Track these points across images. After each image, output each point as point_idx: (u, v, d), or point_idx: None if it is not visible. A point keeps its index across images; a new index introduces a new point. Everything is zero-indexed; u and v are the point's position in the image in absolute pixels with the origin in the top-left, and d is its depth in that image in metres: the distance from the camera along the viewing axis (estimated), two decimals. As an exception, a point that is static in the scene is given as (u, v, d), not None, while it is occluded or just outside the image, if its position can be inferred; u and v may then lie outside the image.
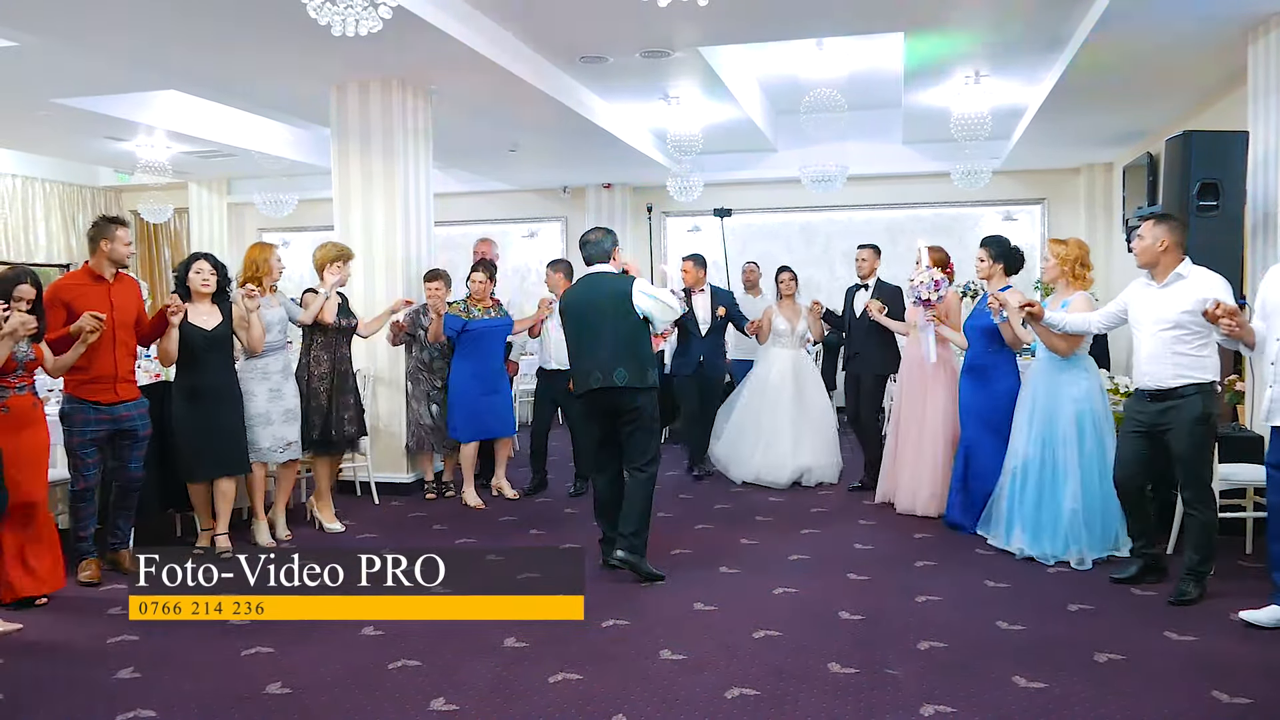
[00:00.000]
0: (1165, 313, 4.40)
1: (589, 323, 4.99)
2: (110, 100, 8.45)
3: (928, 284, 5.92)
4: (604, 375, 4.86)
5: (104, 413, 4.85)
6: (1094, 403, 5.07)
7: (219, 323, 5.29)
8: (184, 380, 5.29)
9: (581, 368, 5.00)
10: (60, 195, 12.31)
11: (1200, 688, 3.48)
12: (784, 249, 12.04)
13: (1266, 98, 5.75)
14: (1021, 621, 4.20)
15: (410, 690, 3.54)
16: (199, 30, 5.93)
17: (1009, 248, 5.71)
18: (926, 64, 7.59)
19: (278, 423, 5.59)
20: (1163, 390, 4.42)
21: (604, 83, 8.14)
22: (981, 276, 5.77)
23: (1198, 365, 4.36)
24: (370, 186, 7.13)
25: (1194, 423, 4.35)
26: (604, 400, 4.92)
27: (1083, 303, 5.04)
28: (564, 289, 7.03)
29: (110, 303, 4.87)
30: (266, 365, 5.57)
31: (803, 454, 7.17)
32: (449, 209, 11.57)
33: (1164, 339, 4.40)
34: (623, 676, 3.65)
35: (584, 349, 5.01)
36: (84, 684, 3.65)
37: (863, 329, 6.93)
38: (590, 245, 5.17)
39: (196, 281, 5.24)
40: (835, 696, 3.45)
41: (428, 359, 6.76)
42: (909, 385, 6.34)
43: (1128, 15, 5.68)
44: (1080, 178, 11.35)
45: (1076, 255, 5.14)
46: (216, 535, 5.38)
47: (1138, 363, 4.57)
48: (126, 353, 4.98)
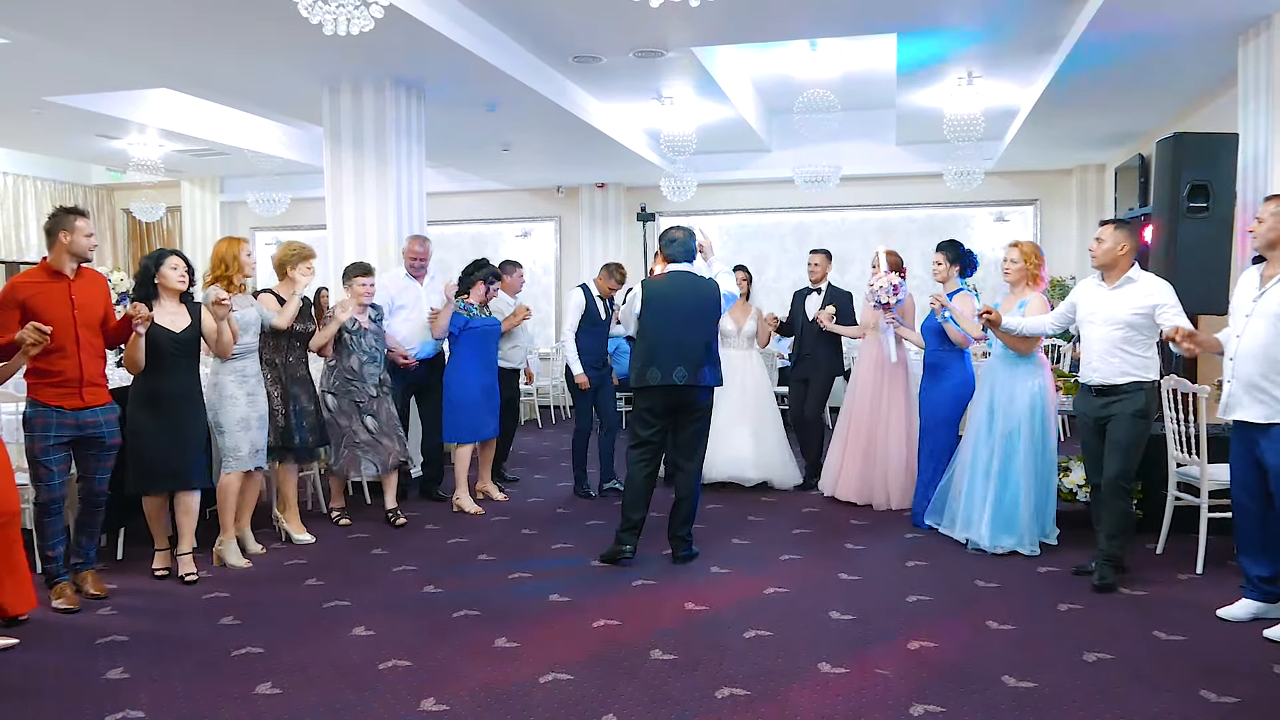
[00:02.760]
0: (1116, 313, 4.66)
1: (676, 319, 5.14)
2: (102, 98, 8.43)
3: (887, 288, 6.11)
4: (690, 373, 5.06)
5: (68, 418, 4.40)
6: (1045, 396, 5.33)
7: (187, 325, 4.86)
8: (145, 385, 4.81)
9: (661, 362, 5.08)
10: (52, 193, 12.27)
11: (1188, 687, 3.49)
12: (777, 249, 12.09)
13: (1256, 100, 5.77)
14: (1011, 621, 4.21)
15: (400, 690, 3.54)
16: (191, 28, 5.92)
17: (964, 251, 5.99)
18: (919, 65, 7.60)
19: (255, 428, 5.19)
20: (1108, 385, 4.70)
21: (597, 82, 8.14)
22: (938, 279, 6.00)
23: (1141, 364, 4.65)
24: (363, 185, 7.11)
25: (1134, 416, 4.65)
26: (678, 396, 5.11)
27: (1039, 302, 5.33)
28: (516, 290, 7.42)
29: (71, 301, 4.41)
30: (244, 368, 5.17)
31: (741, 450, 7.05)
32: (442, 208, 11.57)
33: (1113, 338, 4.66)
34: (613, 676, 3.65)
35: (667, 344, 5.10)
36: (73, 684, 3.64)
37: (813, 332, 7.06)
38: (677, 244, 5.30)
39: (173, 278, 4.82)
40: (825, 696, 3.46)
41: (357, 365, 5.99)
42: (866, 385, 6.55)
43: (1119, 18, 5.70)
44: (1072, 179, 11.38)
45: (1034, 255, 5.44)
46: (180, 556, 4.94)
47: (1087, 359, 4.81)
48: (93, 354, 4.51)
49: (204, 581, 4.92)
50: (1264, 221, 4.10)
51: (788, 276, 11.70)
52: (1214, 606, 4.28)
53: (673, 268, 5.32)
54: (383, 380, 6.13)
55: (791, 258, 11.90)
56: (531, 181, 12.47)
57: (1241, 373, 4.11)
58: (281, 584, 4.92)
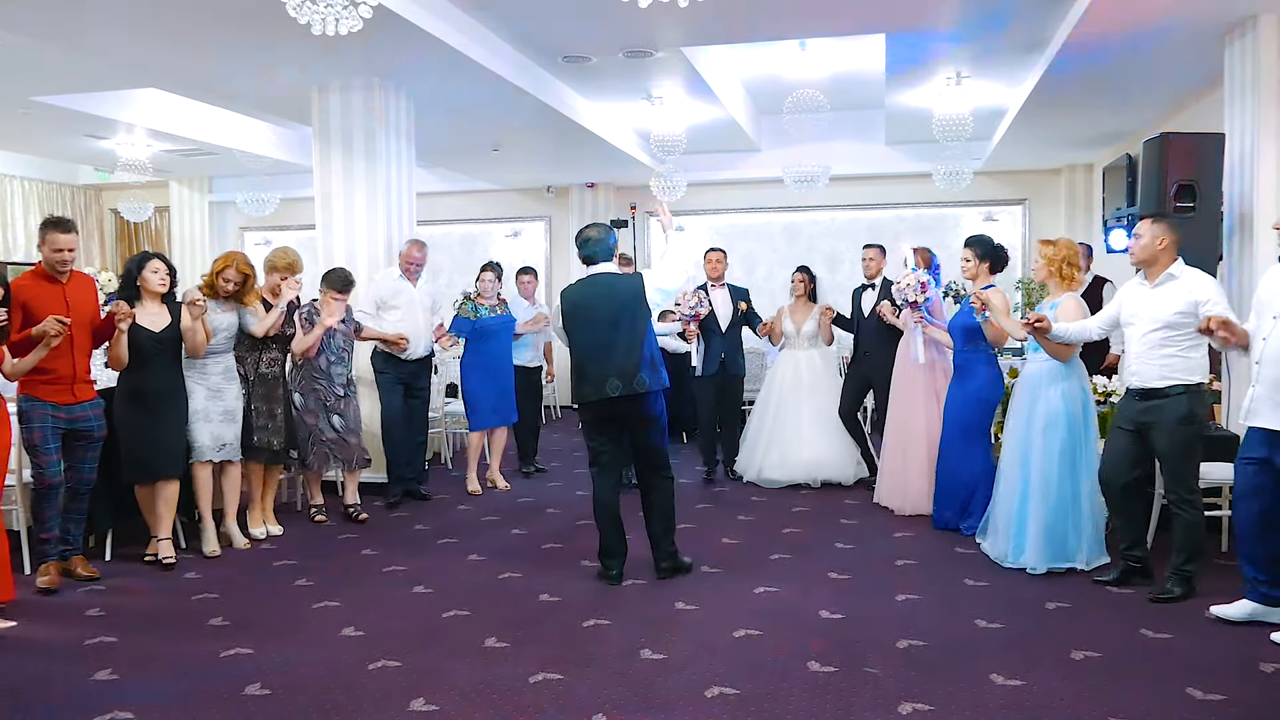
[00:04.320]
0: (1156, 313, 4.40)
1: (599, 327, 4.74)
2: (90, 98, 8.39)
3: (914, 286, 5.98)
4: (625, 383, 4.67)
5: (61, 412, 4.72)
6: (1082, 406, 4.98)
7: (167, 324, 5.13)
8: (128, 382, 5.10)
9: (594, 374, 4.71)
10: (39, 193, 12.22)
11: (1175, 685, 3.51)
12: (767, 249, 12.10)
13: (1242, 100, 5.80)
14: (1000, 620, 4.23)
15: (390, 690, 3.53)
16: (179, 28, 5.90)
17: (993, 246, 5.74)
18: (908, 65, 7.62)
19: (216, 421, 5.38)
20: (1149, 390, 4.43)
21: (587, 82, 8.14)
22: (967, 276, 5.79)
23: (1184, 366, 4.36)
24: (352, 186, 7.10)
25: (1177, 422, 4.37)
26: (620, 408, 4.74)
27: (1071, 304, 4.99)
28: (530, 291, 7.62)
29: (66, 302, 4.71)
30: (206, 365, 5.38)
31: (814, 451, 7.11)
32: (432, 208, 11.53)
33: (1153, 339, 4.40)
34: (603, 676, 3.65)
35: (595, 355, 4.73)
36: (62, 686, 3.62)
37: (872, 329, 6.90)
38: (591, 243, 4.90)
39: (154, 280, 5.10)
40: (815, 695, 3.46)
41: (324, 365, 6.07)
42: (899, 386, 6.39)
43: (1106, 18, 5.72)
44: (1061, 178, 11.42)
45: (1064, 255, 5.04)
46: (159, 540, 5.20)
47: (1127, 362, 4.59)
48: (83, 354, 4.84)
49: (192, 582, 4.92)
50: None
51: (778, 276, 11.69)
52: (1201, 605, 4.29)
53: (591, 271, 4.89)
54: (349, 380, 6.26)
55: (781, 257, 11.91)
56: (521, 181, 12.45)
57: (1268, 376, 3.90)
58: (270, 584, 4.91)
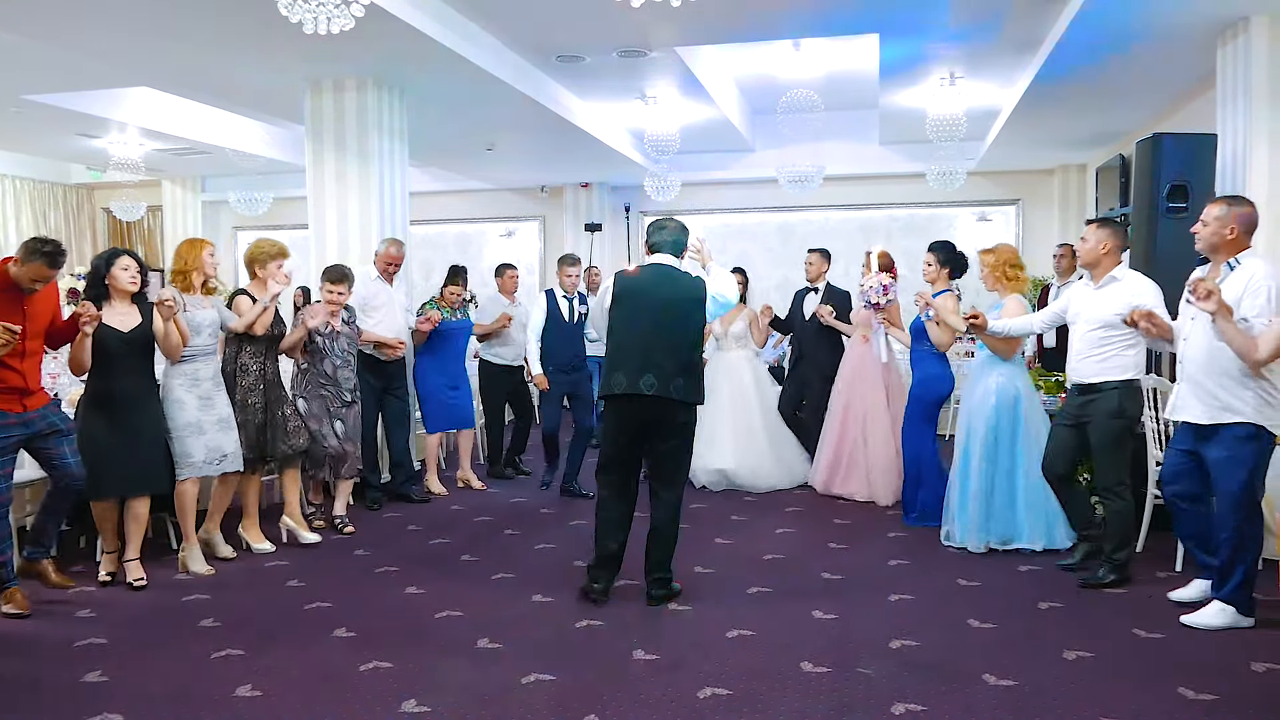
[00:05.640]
0: (1097, 312, 4.67)
1: (646, 316, 4.44)
2: (82, 96, 8.36)
3: (877, 288, 6.19)
4: (660, 383, 4.35)
5: (14, 419, 4.31)
6: (1013, 396, 5.30)
7: (137, 324, 4.71)
8: (94, 386, 4.69)
9: (627, 367, 4.40)
10: (31, 193, 12.18)
11: (1167, 684, 3.51)
12: (761, 249, 12.11)
13: (1235, 101, 5.82)
14: (992, 620, 4.23)
15: (381, 692, 3.52)
16: (171, 27, 5.88)
17: (955, 252, 5.99)
18: (902, 65, 7.62)
19: (211, 432, 4.97)
20: (1087, 385, 4.71)
21: (581, 82, 8.13)
22: (927, 279, 6.01)
23: (1119, 364, 4.63)
24: (345, 185, 7.08)
25: (1109, 416, 4.63)
26: (647, 409, 4.41)
27: (1014, 304, 5.34)
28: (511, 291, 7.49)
29: (24, 312, 4.29)
30: (196, 371, 4.97)
31: (736, 457, 7.00)
32: (426, 208, 11.54)
33: (1092, 338, 4.67)
34: (596, 677, 3.64)
35: (635, 345, 4.42)
36: (51, 687, 3.60)
37: (811, 331, 7.10)
38: (665, 232, 4.61)
39: (124, 279, 4.67)
40: (808, 696, 3.46)
41: (331, 370, 5.81)
42: (854, 382, 6.65)
43: (1099, 19, 5.73)
44: (1054, 179, 11.44)
45: (1005, 259, 5.44)
46: (127, 562, 4.76)
47: (1070, 358, 4.83)
48: (35, 364, 4.44)
49: (184, 584, 4.87)
50: (1208, 225, 4.05)
51: (771, 276, 11.72)
52: (1193, 605, 4.29)
53: (654, 259, 4.61)
54: (356, 386, 5.96)
55: (775, 257, 11.93)
56: (516, 181, 12.45)
57: (1189, 374, 4.11)
58: (262, 586, 4.88)
